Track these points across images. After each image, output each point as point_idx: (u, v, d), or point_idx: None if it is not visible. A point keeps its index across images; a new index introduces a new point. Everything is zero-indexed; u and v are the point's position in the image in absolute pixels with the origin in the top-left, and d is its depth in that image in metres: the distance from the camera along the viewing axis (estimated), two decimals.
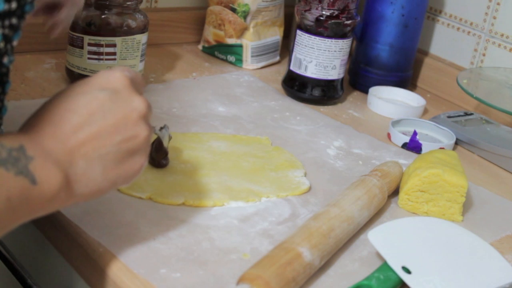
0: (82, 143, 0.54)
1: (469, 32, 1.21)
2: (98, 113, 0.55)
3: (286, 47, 1.29)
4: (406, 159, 0.94)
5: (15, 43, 0.54)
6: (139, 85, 0.60)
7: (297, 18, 1.08)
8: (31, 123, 0.54)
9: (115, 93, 0.56)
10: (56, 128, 0.53)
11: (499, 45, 1.16)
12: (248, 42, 1.18)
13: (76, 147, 0.54)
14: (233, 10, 1.17)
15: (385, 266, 0.65)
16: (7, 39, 0.52)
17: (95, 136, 0.54)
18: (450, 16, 1.23)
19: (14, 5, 0.51)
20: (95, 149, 0.54)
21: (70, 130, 0.54)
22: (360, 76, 1.19)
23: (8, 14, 0.51)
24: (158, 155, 0.78)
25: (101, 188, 0.56)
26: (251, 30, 1.18)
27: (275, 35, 1.23)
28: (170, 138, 0.79)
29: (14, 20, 0.52)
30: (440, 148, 0.97)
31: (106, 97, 0.55)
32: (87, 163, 0.54)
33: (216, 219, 0.72)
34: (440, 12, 1.25)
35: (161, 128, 0.78)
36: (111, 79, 0.57)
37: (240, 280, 0.59)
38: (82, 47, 0.96)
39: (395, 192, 0.82)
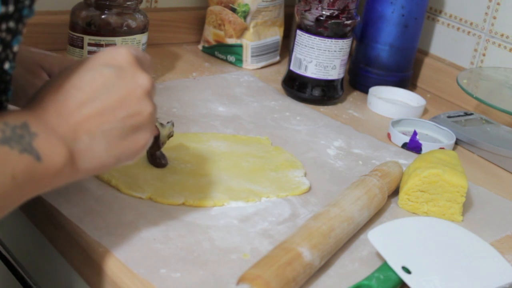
0: (86, 119, 0.54)
1: (469, 32, 1.21)
2: (103, 89, 0.55)
3: (286, 47, 1.29)
4: (406, 159, 0.94)
5: (15, 48, 0.54)
6: (144, 63, 0.60)
7: (297, 18, 1.08)
8: (36, 100, 0.54)
9: (119, 70, 0.56)
10: (60, 105, 0.54)
11: (499, 45, 1.16)
12: (248, 42, 1.18)
13: (80, 123, 0.54)
14: (233, 10, 1.17)
15: (385, 266, 0.65)
16: (5, 44, 0.52)
17: (99, 112, 0.55)
18: (450, 16, 1.23)
19: (11, 8, 0.51)
20: (99, 124, 0.55)
21: (75, 107, 0.54)
22: (360, 76, 1.19)
23: (5, 17, 0.51)
24: (151, 148, 0.78)
25: (105, 164, 0.56)
26: (251, 30, 1.18)
27: (275, 35, 1.23)
28: (170, 135, 0.78)
29: (11, 24, 0.52)
30: (440, 148, 0.97)
31: (110, 74, 0.56)
32: (91, 138, 0.54)
33: (216, 219, 0.72)
34: (440, 12, 1.25)
35: (167, 122, 0.78)
36: (116, 56, 0.57)
37: (240, 280, 0.59)
38: (82, 47, 0.96)
39: (395, 192, 0.82)
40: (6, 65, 0.54)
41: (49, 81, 0.56)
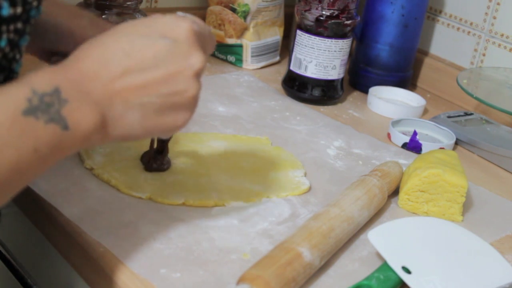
0: (126, 88, 0.52)
1: (469, 32, 1.21)
2: (152, 60, 0.52)
3: (286, 47, 1.29)
4: (406, 159, 0.94)
5: (23, 48, 0.54)
6: (205, 40, 0.57)
7: (297, 18, 1.08)
8: (76, 57, 0.51)
9: (175, 44, 0.53)
10: (102, 67, 0.51)
11: (499, 45, 1.16)
12: (248, 42, 1.18)
13: (118, 91, 0.51)
14: (233, 10, 1.17)
15: (385, 266, 0.65)
16: (13, 44, 0.52)
17: (141, 84, 0.52)
18: (450, 16, 1.23)
19: (19, 9, 0.51)
20: (139, 96, 0.52)
21: (118, 73, 0.51)
22: (360, 76, 1.19)
23: (13, 18, 0.51)
24: (146, 153, 0.78)
25: (136, 134, 0.54)
26: (251, 30, 1.18)
27: (275, 35, 1.23)
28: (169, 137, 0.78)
29: (19, 25, 0.52)
30: (440, 148, 0.97)
31: (164, 46, 0.53)
32: (126, 108, 0.52)
33: (216, 219, 0.72)
34: (440, 12, 1.25)
35: None
36: (176, 28, 0.54)
37: (240, 280, 0.59)
38: None
39: (395, 192, 0.82)
40: (14, 65, 0.54)
41: (100, 36, 0.53)
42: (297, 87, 1.09)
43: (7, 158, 0.45)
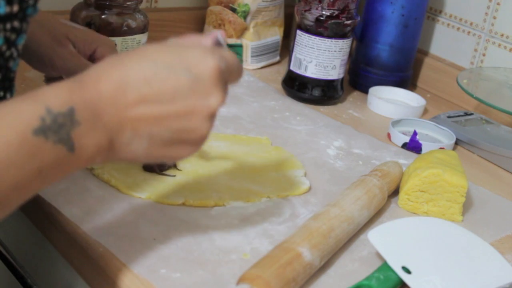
0: (138, 118, 0.51)
1: (469, 32, 1.21)
2: (171, 94, 0.51)
3: (286, 47, 1.29)
4: (406, 159, 0.94)
5: (20, 47, 0.54)
6: (231, 74, 0.56)
7: (297, 18, 1.08)
8: (99, 75, 0.50)
9: (197, 81, 0.52)
10: (120, 93, 0.50)
11: (499, 45, 1.16)
12: (248, 42, 1.18)
13: (130, 119, 0.50)
14: (233, 10, 1.17)
15: (385, 266, 0.65)
16: (10, 42, 0.52)
17: (155, 116, 0.51)
18: (450, 16, 1.23)
19: (16, 8, 0.51)
20: (149, 127, 0.51)
21: (134, 100, 0.50)
22: (360, 76, 1.19)
23: (9, 17, 0.51)
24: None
25: (139, 159, 0.53)
26: (251, 30, 1.18)
27: (275, 35, 1.23)
28: None
29: (16, 23, 0.52)
30: (440, 148, 0.97)
31: (186, 82, 0.51)
32: (135, 136, 0.51)
33: (216, 219, 0.72)
34: (440, 12, 1.25)
35: None
36: (202, 64, 0.52)
37: (240, 280, 0.59)
38: None
39: (395, 192, 0.82)
40: (11, 63, 0.54)
41: (124, 55, 0.52)
42: (297, 87, 1.09)
43: (10, 177, 0.45)
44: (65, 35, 0.75)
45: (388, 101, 1.12)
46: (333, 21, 1.04)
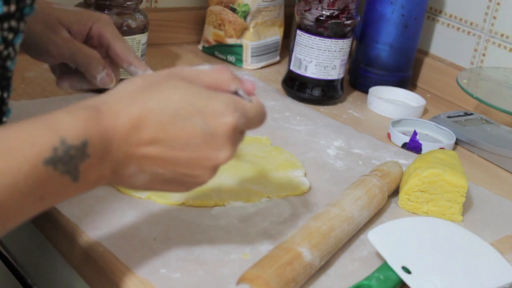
0: (146, 156, 0.52)
1: (469, 32, 1.21)
2: (183, 143, 0.52)
3: (286, 47, 1.29)
4: (406, 159, 0.94)
5: (17, 46, 0.54)
6: (251, 125, 0.57)
7: (297, 18, 1.08)
8: (118, 110, 0.50)
9: (211, 137, 0.53)
10: (135, 131, 0.51)
11: (499, 45, 1.16)
12: (248, 42, 1.18)
13: (138, 156, 0.52)
14: (233, 10, 1.17)
15: (385, 266, 0.65)
16: (7, 42, 0.52)
17: (162, 158, 0.52)
18: (450, 16, 1.23)
19: (13, 7, 0.51)
20: (154, 166, 0.53)
21: (146, 140, 0.51)
22: (360, 76, 1.19)
23: (7, 16, 0.51)
24: None
25: (137, 189, 0.56)
26: (251, 30, 1.18)
27: (275, 35, 1.23)
28: None
29: (13, 23, 0.52)
30: (440, 148, 0.97)
31: (200, 135, 0.53)
32: (138, 172, 0.53)
33: (216, 219, 0.72)
34: (440, 12, 1.25)
35: None
36: (220, 121, 0.53)
37: (240, 280, 0.59)
38: None
39: (395, 192, 0.82)
40: (8, 63, 0.54)
41: (140, 89, 0.52)
42: (297, 87, 1.09)
43: (12, 203, 0.45)
44: (58, 21, 0.75)
45: (388, 101, 1.12)
46: (333, 21, 1.04)
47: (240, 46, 1.19)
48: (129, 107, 0.51)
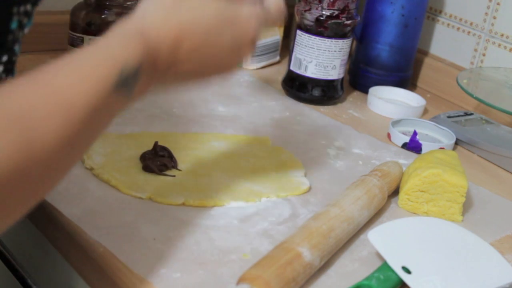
0: (183, 62, 0.55)
1: (469, 32, 1.21)
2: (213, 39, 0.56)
3: (286, 47, 1.29)
4: (406, 159, 0.94)
5: (26, 30, 0.55)
6: (270, 22, 0.62)
7: (297, 18, 1.08)
8: (158, 28, 0.53)
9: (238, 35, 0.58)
10: (175, 48, 0.54)
11: (499, 45, 1.16)
12: None
13: (181, 61, 0.55)
14: None
15: (385, 266, 0.65)
16: (21, 26, 0.53)
17: (198, 72, 0.58)
18: (450, 16, 1.23)
19: None
20: (190, 78, 0.58)
21: (186, 50, 0.55)
22: (360, 76, 1.19)
23: (24, 0, 0.52)
24: (146, 153, 0.78)
25: (176, 81, 0.59)
26: None
27: (275, 35, 1.23)
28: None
29: (28, 7, 0.53)
30: (440, 148, 0.97)
31: (229, 42, 0.57)
32: (176, 81, 0.58)
33: (216, 219, 0.72)
34: (440, 12, 1.25)
35: None
36: (245, 28, 0.58)
37: (240, 280, 0.59)
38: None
39: (395, 192, 0.82)
40: (16, 46, 0.54)
41: (174, 2, 0.55)
42: (297, 87, 1.09)
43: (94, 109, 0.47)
44: None
45: (388, 101, 1.12)
46: (333, 21, 1.04)
47: None
48: (168, 23, 0.54)
